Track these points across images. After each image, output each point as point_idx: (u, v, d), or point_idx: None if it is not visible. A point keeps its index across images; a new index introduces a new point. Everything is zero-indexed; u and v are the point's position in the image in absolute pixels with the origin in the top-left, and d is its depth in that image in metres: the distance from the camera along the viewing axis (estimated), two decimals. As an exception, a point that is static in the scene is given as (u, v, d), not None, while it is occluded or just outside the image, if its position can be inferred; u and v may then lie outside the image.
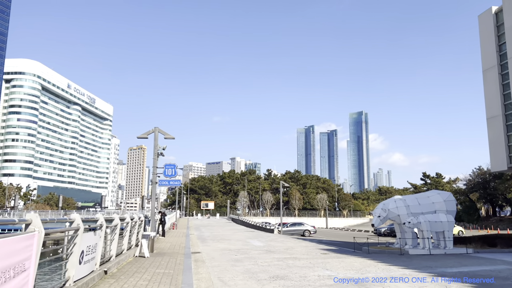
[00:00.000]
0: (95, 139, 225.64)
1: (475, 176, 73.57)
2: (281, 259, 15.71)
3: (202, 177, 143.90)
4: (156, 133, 17.56)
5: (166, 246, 20.09)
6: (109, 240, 11.22)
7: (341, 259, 15.42)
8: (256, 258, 16.10)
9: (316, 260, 14.97)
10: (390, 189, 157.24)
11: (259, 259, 15.67)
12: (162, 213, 28.14)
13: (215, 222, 67.49)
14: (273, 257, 16.54)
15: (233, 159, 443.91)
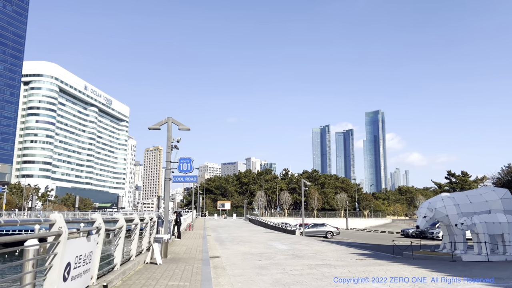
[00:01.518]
0: (112, 140, 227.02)
1: (504, 174, 69.82)
2: (313, 266, 13.63)
3: (218, 177, 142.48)
4: (170, 123, 15.69)
5: (182, 250, 18.23)
6: (112, 245, 9.38)
7: (384, 266, 13.25)
8: (284, 265, 14.07)
9: (355, 268, 12.84)
10: (410, 189, 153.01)
11: (287, 266, 13.64)
12: (177, 213, 26.38)
13: (232, 223, 65.69)
14: (303, 263, 14.47)
15: (248, 160, 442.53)
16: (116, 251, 9.27)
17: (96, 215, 7.32)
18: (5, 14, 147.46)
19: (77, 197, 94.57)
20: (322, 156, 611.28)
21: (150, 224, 14.48)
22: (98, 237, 7.20)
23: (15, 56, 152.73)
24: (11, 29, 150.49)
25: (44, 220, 5.14)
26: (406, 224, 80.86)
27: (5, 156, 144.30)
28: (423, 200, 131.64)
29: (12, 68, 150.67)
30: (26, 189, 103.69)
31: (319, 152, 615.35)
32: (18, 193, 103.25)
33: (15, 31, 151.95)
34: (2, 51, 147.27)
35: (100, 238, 7.31)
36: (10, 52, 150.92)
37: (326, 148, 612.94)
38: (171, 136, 15.51)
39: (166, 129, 15.67)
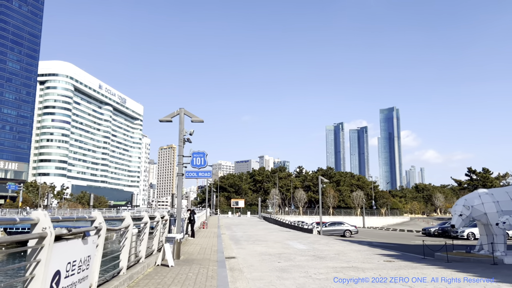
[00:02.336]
0: (126, 139, 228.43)
1: (529, 171, 67.43)
2: (338, 269, 12.45)
3: (232, 174, 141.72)
4: (182, 115, 14.66)
5: (196, 250, 17.23)
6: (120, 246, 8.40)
7: (418, 270, 11.99)
8: (306, 267, 12.93)
9: (386, 272, 11.62)
10: (427, 186, 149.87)
11: (310, 269, 12.49)
12: (191, 211, 25.44)
13: (247, 221, 64.72)
14: (326, 265, 13.30)
15: (261, 158, 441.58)
16: (122, 254, 8.27)
17: (96, 213, 6.30)
18: (21, 14, 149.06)
19: (91, 195, 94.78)
20: (335, 154, 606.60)
21: (162, 223, 13.50)
22: (98, 238, 6.17)
23: (31, 56, 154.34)
24: (26, 29, 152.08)
25: (21, 220, 4.11)
26: (425, 223, 78.69)
27: (22, 154, 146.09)
28: (441, 198, 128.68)
29: (28, 67, 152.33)
30: (42, 187, 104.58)
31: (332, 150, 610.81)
32: (34, 191, 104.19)
33: (30, 31, 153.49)
34: (18, 51, 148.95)
35: (100, 239, 6.28)
36: (26, 52, 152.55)
37: (340, 146, 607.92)
38: (183, 129, 14.49)
39: (178, 121, 14.66)
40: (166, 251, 11.23)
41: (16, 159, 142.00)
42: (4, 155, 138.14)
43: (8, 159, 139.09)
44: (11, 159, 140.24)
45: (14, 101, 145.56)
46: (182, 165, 14.47)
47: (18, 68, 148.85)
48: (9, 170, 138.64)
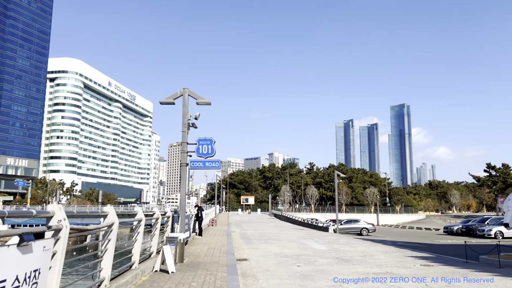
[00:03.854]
0: (136, 136, 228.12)
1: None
2: (371, 276, 10.44)
3: (241, 171, 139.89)
4: (186, 96, 12.74)
5: (203, 251, 15.35)
6: (99, 251, 6.51)
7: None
8: (331, 273, 10.96)
9: (432, 281, 9.56)
10: (442, 183, 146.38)
11: (337, 275, 10.50)
12: (199, 208, 23.60)
13: (257, 218, 62.84)
14: (356, 271, 11.29)
15: (271, 155, 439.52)
16: (103, 261, 6.38)
17: (54, 206, 4.39)
18: (30, 11, 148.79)
19: (100, 191, 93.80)
20: (345, 151, 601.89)
21: (162, 220, 11.60)
22: (53, 243, 4.26)
23: (41, 53, 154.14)
24: (36, 25, 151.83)
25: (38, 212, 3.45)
26: (442, 221, 75.90)
27: (32, 151, 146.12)
28: (457, 195, 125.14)
29: (37, 64, 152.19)
30: (51, 184, 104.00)
31: (342, 147, 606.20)
32: (43, 188, 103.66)
33: (40, 27, 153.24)
34: (28, 47, 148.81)
35: (58, 245, 4.36)
36: (36, 48, 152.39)
37: (350, 143, 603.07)
38: (187, 112, 12.57)
39: (181, 104, 12.75)
40: (165, 254, 9.34)
41: (26, 156, 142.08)
42: (14, 152, 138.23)
43: (18, 156, 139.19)
44: (22, 156, 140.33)
45: (24, 98, 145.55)
46: (187, 154, 12.57)
47: (28, 65, 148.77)
48: (19, 167, 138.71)
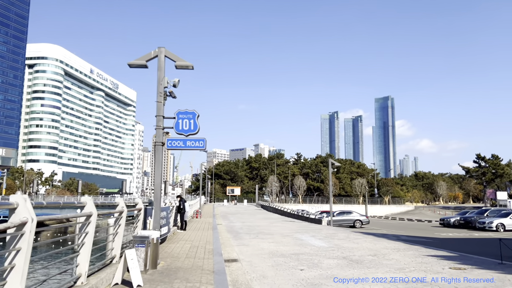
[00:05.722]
0: (119, 125, 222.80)
1: (544, 158, 63.47)
2: (401, 286, 8.11)
3: (227, 161, 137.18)
4: (162, 57, 10.11)
5: (184, 250, 12.84)
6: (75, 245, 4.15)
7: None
8: (347, 281, 8.62)
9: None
10: (427, 175, 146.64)
11: (355, 286, 8.16)
12: (181, 199, 21.05)
13: (244, 210, 60.63)
14: (377, 277, 8.96)
15: (256, 146, 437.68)
16: (79, 256, 4.43)
17: (17, 197, 3.11)
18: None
19: (79, 181, 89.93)
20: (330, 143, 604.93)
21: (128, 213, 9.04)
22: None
23: (18, 38, 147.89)
24: (13, 9, 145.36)
25: None
26: (431, 212, 75.01)
27: (9, 140, 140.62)
28: (443, 186, 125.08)
29: (15, 50, 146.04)
30: (29, 174, 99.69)
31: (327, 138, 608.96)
32: (21, 178, 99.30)
33: (17, 11, 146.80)
34: (4, 32, 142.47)
35: (22, 241, 1.97)
36: (13, 33, 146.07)
37: (335, 134, 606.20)
38: (163, 77, 9.95)
39: (156, 67, 10.12)
40: (128, 261, 6.80)
41: (3, 144, 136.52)
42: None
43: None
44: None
45: (1, 85, 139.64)
46: (163, 131, 9.97)
47: (5, 50, 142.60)
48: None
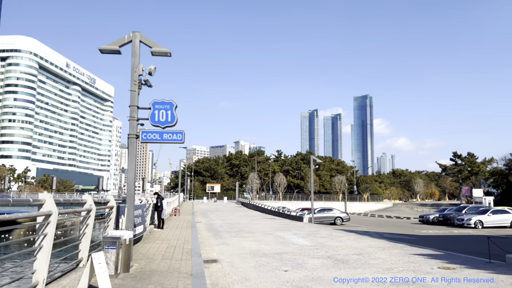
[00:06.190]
0: (96, 121, 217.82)
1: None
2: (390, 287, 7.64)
3: (207, 158, 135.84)
4: (136, 42, 9.34)
5: (160, 250, 12.11)
6: None
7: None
8: (334, 283, 8.12)
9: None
10: (405, 172, 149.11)
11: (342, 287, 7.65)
12: (158, 196, 20.21)
13: (224, 207, 59.93)
14: (365, 277, 8.48)
15: (237, 143, 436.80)
16: (36, 261, 4.38)
17: None
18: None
19: (54, 178, 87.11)
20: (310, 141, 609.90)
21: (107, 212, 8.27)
22: None
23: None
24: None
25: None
26: (409, 209, 76.03)
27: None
28: (421, 184, 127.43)
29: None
30: (0, 170, 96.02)
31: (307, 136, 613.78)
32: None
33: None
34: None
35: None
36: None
37: (314, 132, 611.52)
38: (138, 64, 9.19)
39: (130, 53, 9.34)
40: (95, 266, 6.06)
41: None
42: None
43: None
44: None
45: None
46: (137, 122, 9.20)
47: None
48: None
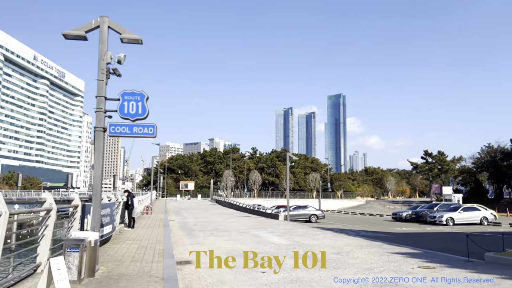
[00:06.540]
0: (65, 116, 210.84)
1: (484, 154, 67.18)
2: None
3: (181, 155, 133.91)
4: (104, 28, 8.63)
5: (130, 251, 11.41)
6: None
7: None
8: (314, 285, 7.73)
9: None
10: (377, 170, 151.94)
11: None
12: (129, 193, 19.36)
13: (198, 205, 59.04)
14: (344, 278, 8.14)
15: (211, 140, 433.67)
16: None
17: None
18: None
19: (19, 175, 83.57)
20: (284, 138, 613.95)
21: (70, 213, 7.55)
22: None
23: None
24: None
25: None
26: (381, 206, 77.37)
27: None
28: (392, 181, 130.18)
29: None
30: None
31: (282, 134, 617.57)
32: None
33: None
34: None
35: None
36: None
37: (289, 130, 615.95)
38: (106, 51, 8.48)
39: (98, 39, 8.62)
40: (53, 272, 5.41)
41: None
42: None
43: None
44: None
45: None
46: (104, 114, 8.50)
47: None
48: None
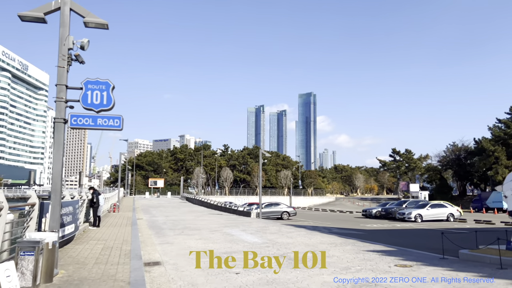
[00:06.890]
0: (28, 111, 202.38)
1: (449, 153, 69.42)
2: None
3: (150, 152, 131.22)
4: (66, 10, 7.89)
5: (94, 252, 10.68)
6: None
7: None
8: (291, 286, 7.36)
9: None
10: (346, 167, 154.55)
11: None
12: (94, 191, 18.41)
13: (167, 202, 57.90)
14: (323, 281, 7.82)
15: (182, 137, 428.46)
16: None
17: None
18: None
19: (-23, 172, 79.33)
20: (256, 136, 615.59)
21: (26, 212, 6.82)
22: None
23: None
24: None
25: None
26: (350, 203, 78.59)
27: None
28: (361, 179, 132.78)
29: None
30: None
31: (253, 131, 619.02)
32: None
33: None
34: None
35: None
36: None
37: (261, 128, 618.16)
38: (67, 36, 7.75)
39: (59, 23, 7.88)
40: (1, 280, 4.75)
41: None
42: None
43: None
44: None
45: None
46: (65, 104, 7.78)
47: None
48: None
